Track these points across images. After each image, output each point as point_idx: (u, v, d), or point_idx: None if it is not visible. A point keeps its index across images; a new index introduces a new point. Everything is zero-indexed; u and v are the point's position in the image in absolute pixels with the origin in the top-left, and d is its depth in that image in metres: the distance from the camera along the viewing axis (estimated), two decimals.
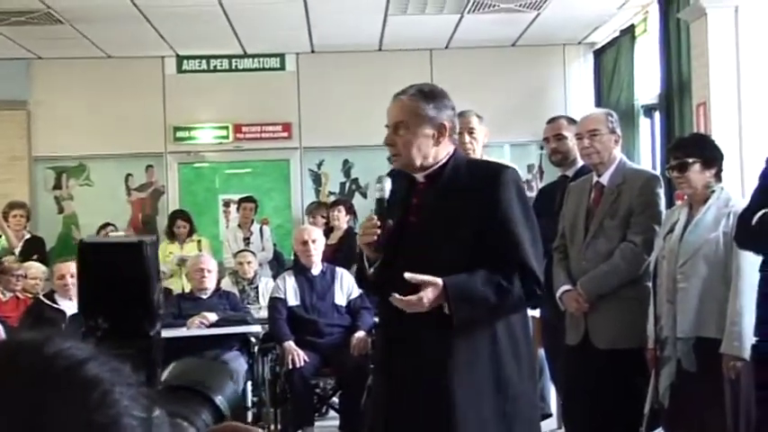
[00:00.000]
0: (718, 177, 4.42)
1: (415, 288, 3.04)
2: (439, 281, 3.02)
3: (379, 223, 3.20)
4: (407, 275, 3.01)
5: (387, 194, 3.29)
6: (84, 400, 0.85)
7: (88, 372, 0.87)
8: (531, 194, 8.44)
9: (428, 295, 3.01)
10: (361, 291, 6.60)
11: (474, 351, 3.13)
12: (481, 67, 10.86)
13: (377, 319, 4.72)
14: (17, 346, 0.90)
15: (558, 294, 4.78)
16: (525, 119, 10.25)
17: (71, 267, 6.85)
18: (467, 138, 5.35)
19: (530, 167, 10.97)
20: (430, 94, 3.25)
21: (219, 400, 1.42)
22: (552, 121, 5.62)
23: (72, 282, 6.55)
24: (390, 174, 3.39)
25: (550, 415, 6.53)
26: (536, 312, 5.76)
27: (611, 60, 10.10)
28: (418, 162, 3.25)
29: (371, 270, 3.27)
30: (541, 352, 6.00)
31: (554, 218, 5.07)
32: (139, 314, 1.37)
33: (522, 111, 10.54)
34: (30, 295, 7.75)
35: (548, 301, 5.12)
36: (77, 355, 0.88)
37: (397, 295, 3.06)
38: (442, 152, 3.26)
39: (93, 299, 1.36)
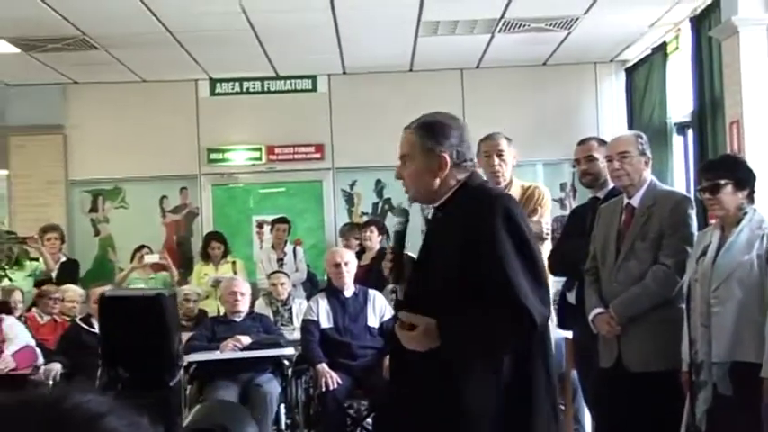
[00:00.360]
0: (750, 199, 4.39)
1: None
2: (431, 321, 2.99)
3: (390, 256, 3.26)
4: (401, 314, 3.02)
5: (402, 227, 3.32)
6: None
7: (107, 425, 0.88)
8: (565, 212, 8.44)
9: (418, 336, 2.99)
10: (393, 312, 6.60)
11: (475, 394, 3.01)
12: (512, 85, 10.87)
13: None
14: (36, 399, 0.92)
15: (590, 317, 4.77)
16: (557, 137, 10.24)
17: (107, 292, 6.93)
18: (495, 160, 5.37)
19: (562, 186, 10.94)
20: (429, 126, 3.23)
21: None
22: (583, 142, 5.61)
23: None
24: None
25: None
26: (569, 334, 5.75)
27: (642, 78, 10.06)
28: (421, 195, 3.29)
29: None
30: (575, 374, 5.99)
31: (585, 239, 5.06)
32: (159, 365, 1.40)
33: (553, 129, 10.53)
34: (67, 318, 7.85)
35: (580, 323, 5.13)
36: (96, 409, 0.90)
37: (398, 328, 3.07)
38: (449, 183, 3.20)
39: (114, 350, 1.39)
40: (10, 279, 8.38)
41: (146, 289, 6.63)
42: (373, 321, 6.71)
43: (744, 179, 4.39)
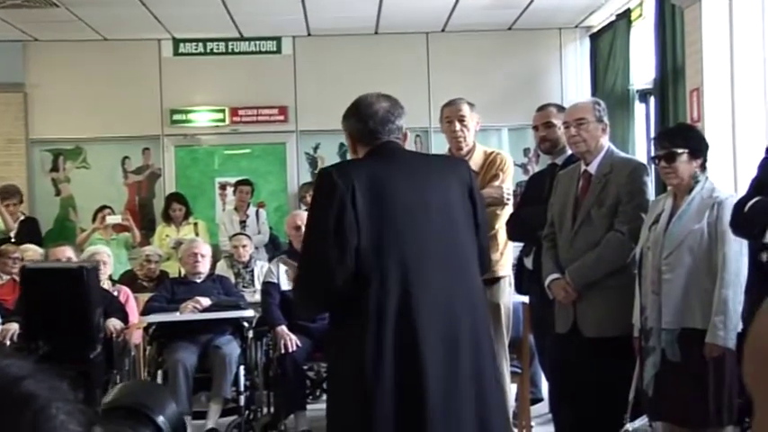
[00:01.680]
0: (702, 168, 4.44)
1: None
2: None
3: None
4: None
5: None
6: (19, 416, 0.87)
7: (24, 388, 0.89)
8: (526, 178, 8.49)
9: None
10: None
11: None
12: (477, 50, 10.86)
13: None
14: None
15: (546, 283, 4.82)
16: (522, 103, 10.23)
17: (67, 251, 6.89)
18: (457, 126, 5.38)
19: (525, 151, 10.98)
20: (351, 108, 3.63)
21: (161, 420, 1.45)
22: (541, 109, 5.62)
23: None
24: None
25: (542, 399, 6.58)
26: (525, 299, 5.80)
27: (606, 45, 10.09)
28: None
29: None
30: (531, 338, 6.05)
31: (543, 205, 5.10)
32: (79, 338, 1.40)
33: (518, 94, 10.55)
34: None
35: (537, 289, 5.19)
36: (15, 372, 0.90)
37: None
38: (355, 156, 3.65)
39: (35, 322, 1.39)
40: None
41: (68, 262, 6.56)
42: None
43: (698, 148, 4.44)
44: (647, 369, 4.38)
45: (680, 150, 4.38)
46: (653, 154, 4.57)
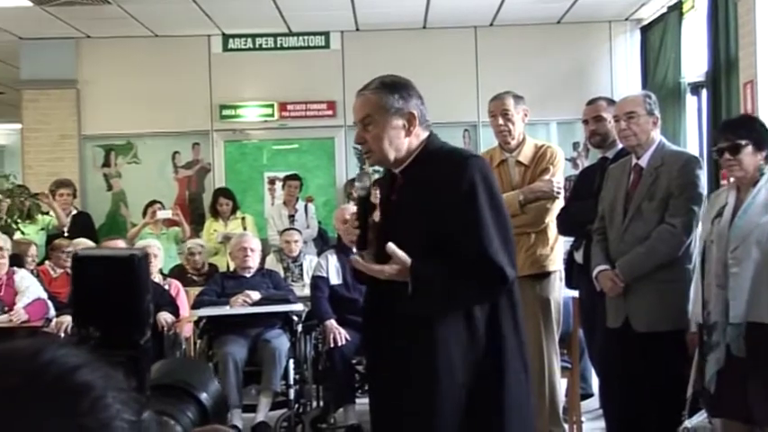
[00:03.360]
0: (767, 160, 4.34)
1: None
2: (408, 261, 2.97)
3: (356, 223, 3.19)
4: (388, 246, 2.96)
5: (364, 192, 3.25)
6: (75, 405, 0.88)
7: (81, 377, 0.90)
8: (577, 172, 8.42)
9: (389, 270, 2.99)
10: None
11: (450, 334, 3.06)
12: (526, 44, 10.80)
13: None
14: (12, 352, 0.93)
15: (593, 274, 4.78)
16: (571, 96, 10.15)
17: (119, 245, 6.96)
18: (500, 120, 5.37)
19: (575, 145, 10.91)
20: (393, 85, 3.18)
21: (204, 397, 1.46)
22: (591, 102, 5.58)
23: None
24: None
25: (592, 395, 6.54)
26: (575, 293, 5.76)
27: (657, 37, 9.98)
28: (392, 156, 3.17)
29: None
30: (581, 333, 6.01)
31: (593, 199, 5.06)
32: (130, 324, 1.41)
33: (567, 88, 10.47)
34: None
35: (587, 283, 5.14)
36: (71, 362, 0.91)
37: (358, 260, 3.06)
38: (414, 142, 3.18)
39: (86, 309, 1.41)
40: (22, 232, 8.43)
41: (115, 249, 6.66)
42: None
43: (762, 140, 4.32)
44: (710, 365, 4.28)
45: (744, 142, 4.29)
46: (715, 146, 4.47)
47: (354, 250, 3.24)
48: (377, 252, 3.14)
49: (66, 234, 8.97)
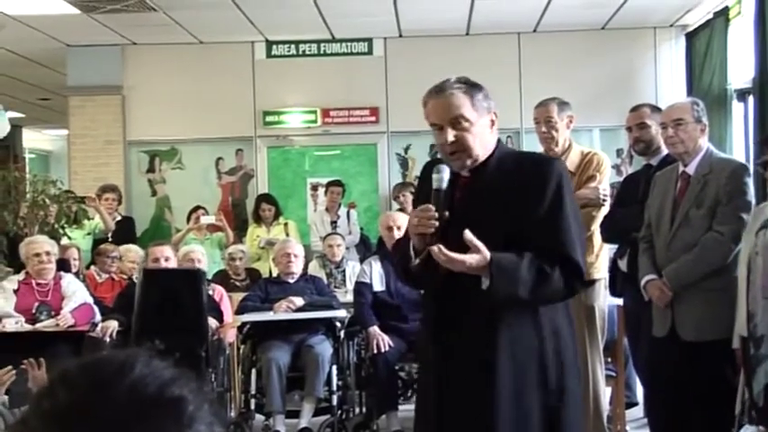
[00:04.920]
0: None
1: (460, 277, 3.01)
2: (487, 252, 2.95)
3: (436, 215, 3.06)
4: (466, 234, 2.93)
5: (445, 185, 3.15)
6: (177, 418, 0.90)
7: (174, 392, 0.92)
8: (621, 179, 8.35)
9: (471, 259, 2.94)
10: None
11: (518, 342, 3.09)
12: (570, 50, 10.75)
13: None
14: (105, 365, 0.94)
15: (642, 283, 4.74)
16: (614, 103, 10.09)
17: (165, 251, 7.01)
18: (544, 128, 5.37)
19: (618, 152, 10.83)
20: (476, 85, 3.18)
21: None
22: (635, 109, 5.54)
23: (166, 265, 6.69)
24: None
25: (636, 404, 6.49)
26: (620, 301, 5.72)
27: (703, 43, 9.89)
28: (483, 155, 3.17)
29: (416, 261, 3.14)
30: (626, 341, 5.96)
31: (638, 206, 5.02)
32: (193, 335, 1.42)
33: (611, 95, 10.41)
34: (124, 277, 7.97)
35: (632, 291, 5.11)
36: (164, 376, 0.93)
37: (441, 247, 2.96)
38: (492, 143, 3.21)
39: (152, 321, 1.42)
40: (69, 237, 8.52)
41: (186, 266, 6.73)
42: None
43: None
44: (758, 377, 4.20)
45: None
46: (760, 159, 4.42)
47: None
48: (449, 248, 3.03)
49: (109, 239, 9.06)
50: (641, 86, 10.58)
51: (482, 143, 3.15)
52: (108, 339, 6.40)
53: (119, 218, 9.71)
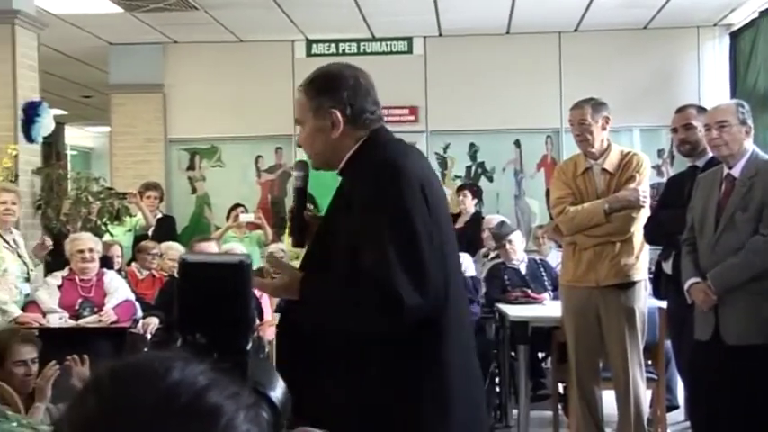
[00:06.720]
0: None
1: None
2: (297, 273, 2.69)
3: (290, 215, 2.94)
4: (268, 257, 2.85)
5: (303, 183, 2.95)
6: (209, 429, 0.88)
7: (210, 400, 0.89)
8: (662, 180, 8.29)
9: (276, 282, 2.72)
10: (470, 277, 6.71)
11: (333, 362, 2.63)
12: (611, 50, 10.67)
13: None
14: (142, 368, 0.93)
15: (686, 287, 4.70)
16: (656, 103, 10.04)
17: (211, 247, 7.04)
18: (577, 130, 5.35)
19: (660, 152, 10.73)
20: (316, 81, 2.81)
21: (275, 395, 1.44)
22: (681, 110, 5.50)
23: None
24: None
25: (677, 407, 6.44)
26: (663, 304, 5.68)
27: (748, 43, 9.78)
28: (318, 161, 2.85)
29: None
30: (668, 343, 5.91)
31: (682, 209, 4.98)
32: (237, 330, 1.41)
33: (652, 95, 10.33)
34: (165, 273, 8.02)
35: (675, 294, 5.07)
36: (200, 382, 0.90)
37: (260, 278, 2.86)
38: (346, 144, 2.76)
39: (193, 315, 1.41)
40: (111, 234, 8.59)
41: (224, 254, 6.73)
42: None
43: None
44: None
45: None
46: None
47: (282, 248, 3.05)
48: (311, 249, 2.83)
49: (150, 236, 9.12)
50: (683, 87, 10.48)
51: (314, 146, 2.81)
52: (149, 336, 6.45)
53: (159, 215, 9.78)
